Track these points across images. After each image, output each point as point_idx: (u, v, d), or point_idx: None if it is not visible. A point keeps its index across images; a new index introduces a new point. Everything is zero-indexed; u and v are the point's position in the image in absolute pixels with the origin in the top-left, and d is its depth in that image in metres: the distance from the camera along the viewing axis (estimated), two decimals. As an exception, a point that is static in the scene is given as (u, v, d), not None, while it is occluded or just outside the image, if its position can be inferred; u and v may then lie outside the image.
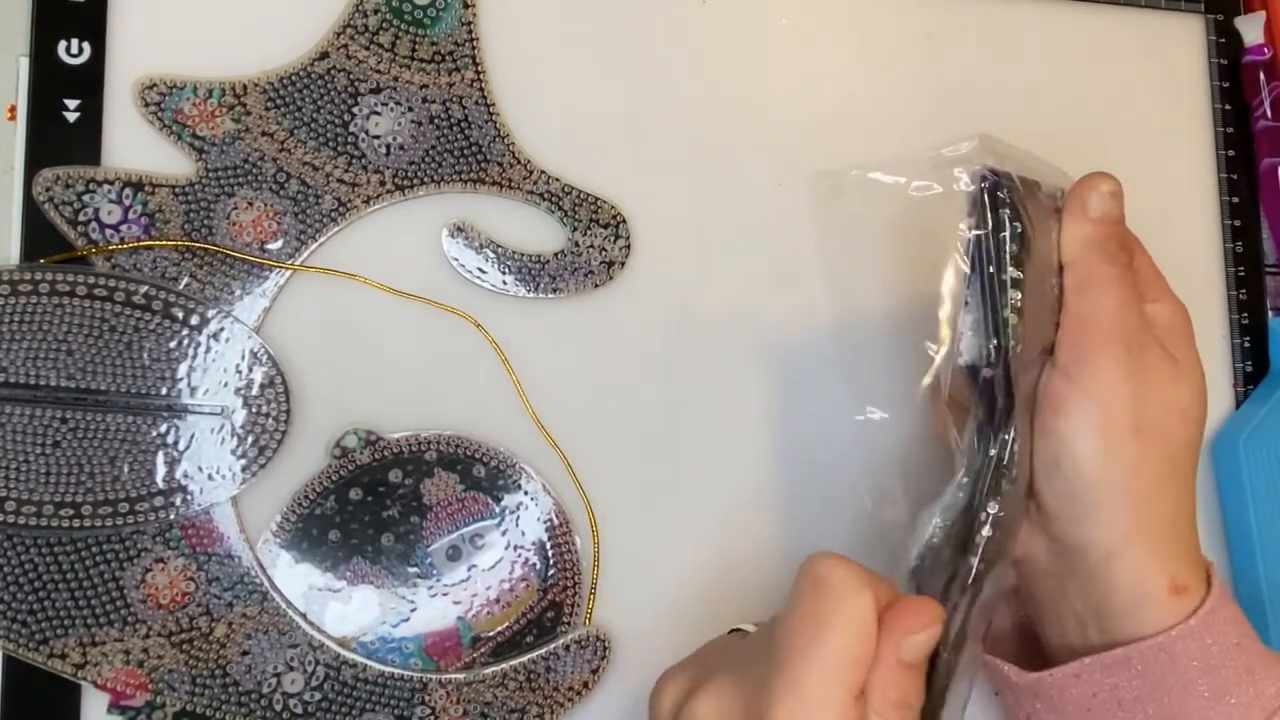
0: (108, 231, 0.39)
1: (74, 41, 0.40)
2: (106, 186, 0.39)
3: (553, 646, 0.41)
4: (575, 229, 0.43)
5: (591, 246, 0.43)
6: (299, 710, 0.38)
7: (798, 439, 0.44)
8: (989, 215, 0.36)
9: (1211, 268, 0.51)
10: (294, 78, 0.41)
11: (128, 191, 0.39)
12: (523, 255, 0.42)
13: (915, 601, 0.31)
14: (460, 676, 0.40)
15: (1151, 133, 0.51)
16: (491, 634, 0.40)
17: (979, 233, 0.36)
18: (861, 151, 0.47)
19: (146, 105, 0.39)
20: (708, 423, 0.44)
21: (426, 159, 0.42)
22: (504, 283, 0.42)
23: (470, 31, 0.43)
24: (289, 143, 0.40)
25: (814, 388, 0.45)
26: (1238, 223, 0.51)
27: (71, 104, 0.39)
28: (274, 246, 0.40)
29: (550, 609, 0.41)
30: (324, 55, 0.41)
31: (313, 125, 0.41)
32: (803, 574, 0.32)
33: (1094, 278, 0.37)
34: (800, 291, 0.45)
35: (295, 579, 0.39)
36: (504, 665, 0.40)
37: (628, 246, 0.43)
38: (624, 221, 0.43)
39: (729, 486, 0.44)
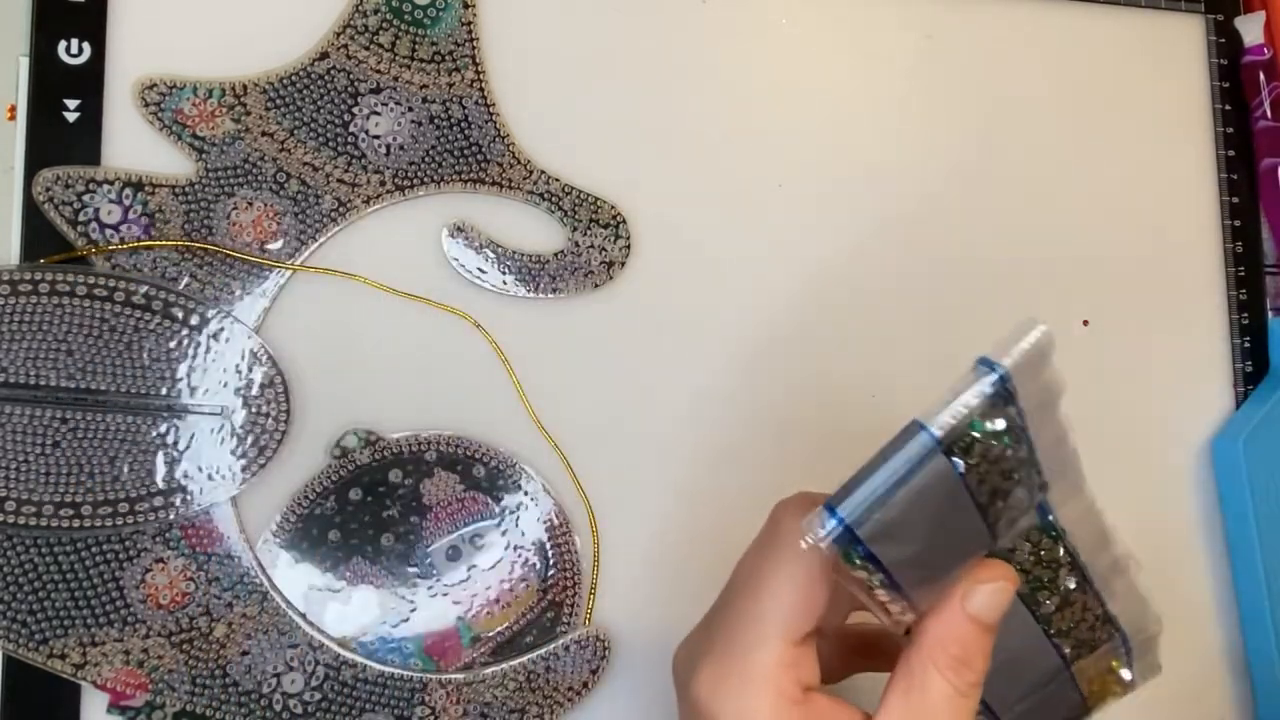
0: (108, 231, 0.39)
1: (74, 41, 0.39)
2: (106, 186, 0.39)
3: (553, 646, 0.41)
4: (575, 229, 0.43)
5: (591, 246, 0.43)
6: (299, 710, 0.38)
7: (801, 437, 0.44)
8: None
9: (1211, 268, 0.51)
10: (294, 78, 0.41)
11: (128, 191, 0.39)
12: (523, 255, 0.42)
13: (991, 560, 0.30)
14: (460, 676, 0.40)
15: (1151, 133, 0.51)
16: (491, 634, 0.40)
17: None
18: (861, 150, 0.47)
19: (146, 105, 0.39)
20: (708, 422, 0.44)
21: (426, 159, 0.42)
22: (504, 283, 0.42)
23: (470, 31, 0.43)
24: (289, 143, 0.40)
25: (817, 387, 0.45)
26: (1238, 223, 0.51)
27: (71, 104, 0.39)
28: (274, 246, 0.40)
29: (550, 609, 0.41)
30: (324, 55, 0.41)
31: (313, 125, 0.41)
32: (769, 516, 0.31)
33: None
34: (801, 290, 0.45)
35: (295, 579, 0.39)
36: (504, 665, 0.40)
37: (628, 246, 0.43)
38: (624, 221, 0.43)
39: (730, 485, 0.44)
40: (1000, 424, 0.29)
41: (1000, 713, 0.35)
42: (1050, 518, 0.33)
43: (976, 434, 0.29)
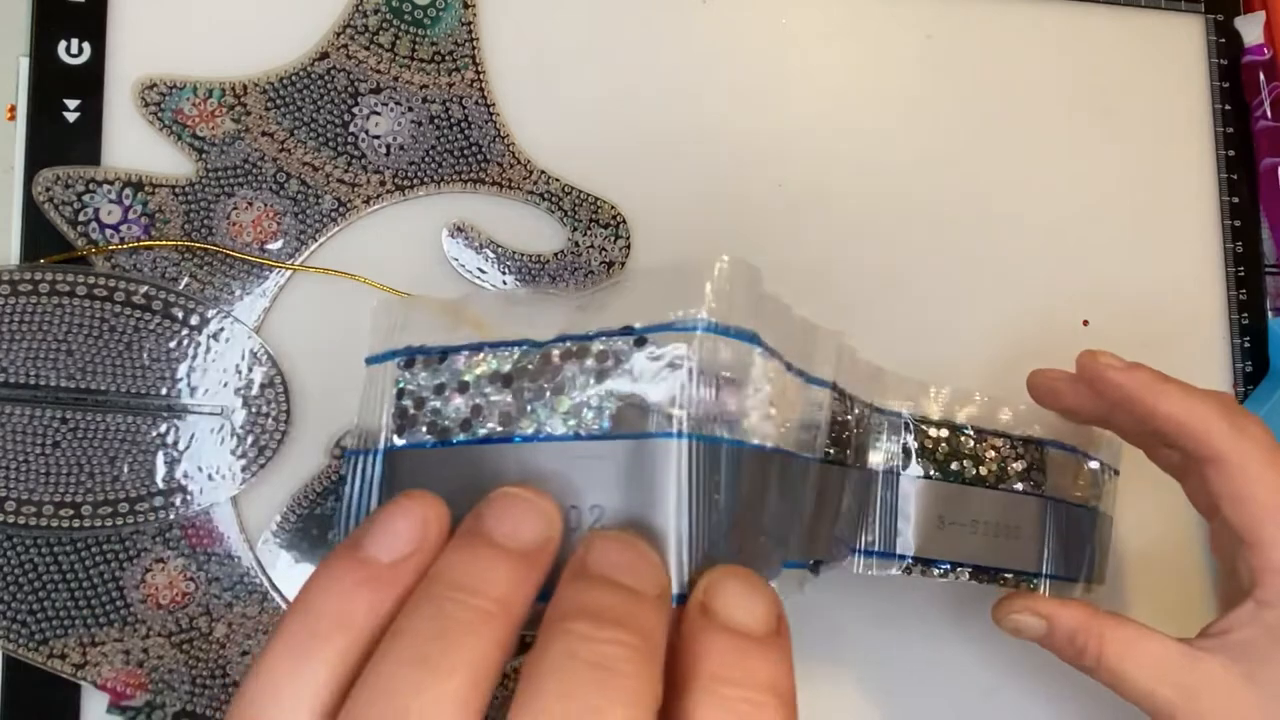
0: (108, 231, 0.39)
1: (74, 41, 0.40)
2: (106, 186, 0.39)
3: (553, 646, 0.41)
4: (575, 229, 0.43)
5: (591, 246, 0.43)
6: (299, 710, 0.38)
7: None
8: None
9: (1211, 268, 0.51)
10: (294, 78, 0.41)
11: (128, 191, 0.39)
12: (523, 255, 0.42)
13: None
14: (460, 676, 0.40)
15: (1151, 133, 0.51)
16: (491, 634, 0.40)
17: None
18: (861, 150, 0.47)
19: (146, 105, 0.39)
20: (708, 423, 0.44)
21: (426, 159, 0.42)
22: (504, 283, 0.42)
23: (470, 31, 0.43)
24: (289, 143, 0.40)
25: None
26: (1238, 223, 0.51)
27: (71, 104, 0.39)
28: (274, 246, 0.40)
29: (550, 609, 0.41)
30: (324, 55, 0.41)
31: (313, 125, 0.41)
32: None
33: None
34: (800, 291, 0.45)
35: (295, 579, 0.39)
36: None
37: (628, 246, 0.43)
38: (624, 221, 0.43)
39: (729, 486, 0.44)
40: None
41: (1072, 574, 0.38)
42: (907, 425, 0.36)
43: None
